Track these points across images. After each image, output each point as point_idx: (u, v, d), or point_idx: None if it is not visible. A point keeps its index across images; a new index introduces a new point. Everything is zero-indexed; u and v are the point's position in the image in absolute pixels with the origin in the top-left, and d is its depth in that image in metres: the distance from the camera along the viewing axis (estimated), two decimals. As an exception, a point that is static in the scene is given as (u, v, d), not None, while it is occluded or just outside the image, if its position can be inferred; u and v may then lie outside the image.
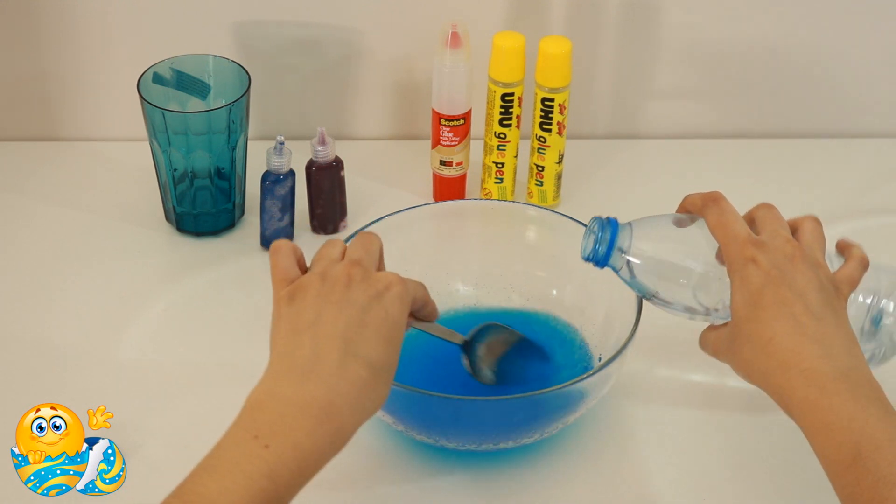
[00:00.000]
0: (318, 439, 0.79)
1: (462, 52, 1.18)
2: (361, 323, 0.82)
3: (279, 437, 0.78)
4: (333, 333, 0.82)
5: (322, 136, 1.20)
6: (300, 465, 0.78)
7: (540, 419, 0.98)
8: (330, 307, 0.83)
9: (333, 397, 0.80)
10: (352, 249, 0.87)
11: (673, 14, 1.31)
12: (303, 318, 0.83)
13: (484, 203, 1.20)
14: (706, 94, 1.37)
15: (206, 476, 0.77)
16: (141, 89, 1.18)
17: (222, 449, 0.78)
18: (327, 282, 0.84)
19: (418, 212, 1.11)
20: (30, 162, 1.33)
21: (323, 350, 0.81)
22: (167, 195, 1.23)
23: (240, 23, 1.30)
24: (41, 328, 1.14)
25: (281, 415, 0.79)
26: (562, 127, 1.23)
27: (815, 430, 0.83)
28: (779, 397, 0.87)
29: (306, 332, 0.82)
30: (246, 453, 0.77)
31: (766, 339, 0.86)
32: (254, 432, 0.78)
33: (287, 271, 0.86)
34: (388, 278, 0.85)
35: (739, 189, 1.32)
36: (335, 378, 0.80)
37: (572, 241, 1.09)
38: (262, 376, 0.82)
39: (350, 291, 0.83)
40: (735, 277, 0.89)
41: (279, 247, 0.87)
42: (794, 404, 0.85)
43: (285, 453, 0.77)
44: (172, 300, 1.18)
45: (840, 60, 1.35)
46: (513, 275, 1.13)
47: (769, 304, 0.87)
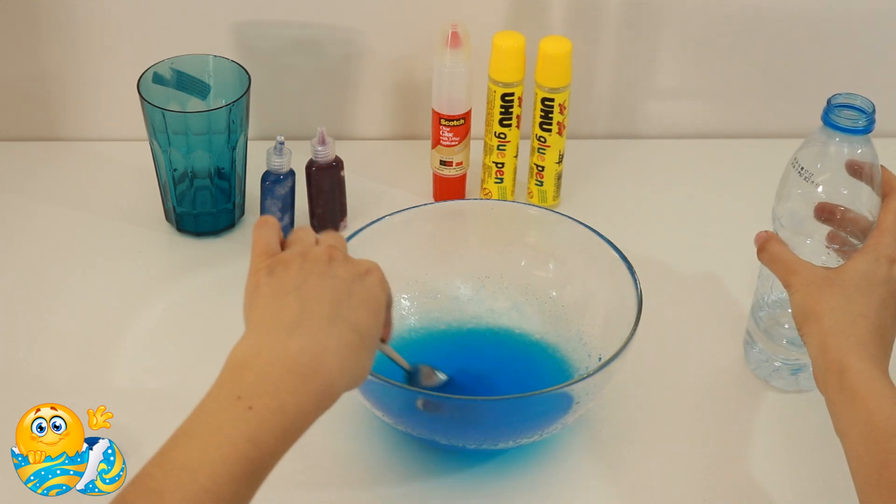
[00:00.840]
0: (303, 398, 0.76)
1: (462, 52, 1.18)
2: (348, 292, 0.81)
3: (263, 397, 0.75)
4: (321, 296, 0.80)
5: (322, 136, 1.20)
6: (285, 427, 0.75)
7: (539, 419, 0.98)
8: (314, 277, 0.81)
9: (321, 352, 0.77)
10: (326, 238, 0.87)
11: (673, 14, 1.31)
12: (286, 284, 0.81)
13: (484, 203, 1.20)
14: (706, 94, 1.37)
15: (187, 442, 0.75)
16: (141, 89, 1.18)
17: (204, 411, 0.76)
18: (308, 259, 0.83)
19: (418, 212, 1.11)
20: (30, 162, 1.33)
21: (310, 310, 0.79)
22: (167, 195, 1.23)
23: (240, 23, 1.30)
24: (41, 328, 1.14)
25: (265, 373, 0.76)
26: (562, 127, 1.23)
27: (872, 397, 0.87)
28: (837, 360, 0.90)
29: (291, 294, 0.80)
30: (228, 417, 0.75)
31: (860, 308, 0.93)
32: (237, 392, 0.76)
33: (269, 245, 0.85)
34: (368, 264, 0.85)
35: (739, 189, 1.32)
36: (323, 333, 0.78)
37: (572, 242, 1.10)
38: (243, 335, 0.80)
39: (332, 268, 0.82)
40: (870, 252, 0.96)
41: (266, 221, 0.87)
42: (853, 373, 0.89)
43: (269, 415, 0.75)
44: (172, 300, 1.18)
45: (840, 60, 1.35)
46: (513, 275, 1.13)
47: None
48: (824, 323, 0.93)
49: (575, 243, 1.09)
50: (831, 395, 0.90)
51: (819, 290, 0.95)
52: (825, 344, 0.92)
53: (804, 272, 0.97)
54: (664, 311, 1.15)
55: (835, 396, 0.90)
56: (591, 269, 1.09)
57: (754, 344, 1.10)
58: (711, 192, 1.32)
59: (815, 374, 0.94)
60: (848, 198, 0.99)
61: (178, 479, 0.73)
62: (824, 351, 0.92)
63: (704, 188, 1.32)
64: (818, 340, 0.93)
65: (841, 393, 0.89)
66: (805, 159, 1.00)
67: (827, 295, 0.94)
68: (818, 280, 0.96)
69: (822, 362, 0.92)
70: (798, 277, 0.97)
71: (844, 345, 0.91)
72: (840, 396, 0.89)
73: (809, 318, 0.94)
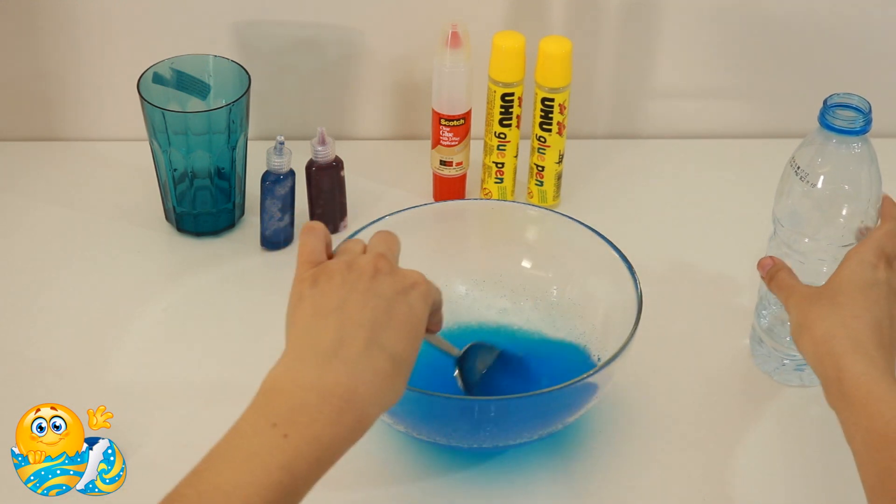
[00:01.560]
0: (338, 429, 0.76)
1: (462, 52, 1.18)
2: (387, 315, 0.80)
3: (299, 426, 0.76)
4: (360, 321, 0.79)
5: (322, 136, 1.20)
6: (319, 456, 0.76)
7: (539, 419, 0.98)
8: (356, 295, 0.81)
9: (356, 385, 0.77)
10: (375, 243, 0.86)
11: (673, 14, 1.31)
12: (327, 302, 0.80)
13: (484, 203, 1.20)
14: (706, 94, 1.37)
15: (222, 465, 0.75)
16: (141, 89, 1.18)
17: (239, 435, 0.76)
18: (353, 271, 0.82)
19: (418, 212, 1.11)
20: (30, 162, 1.33)
21: (348, 336, 0.79)
22: (167, 195, 1.23)
23: (240, 23, 1.30)
24: (41, 328, 1.14)
25: (301, 402, 0.76)
26: (562, 127, 1.23)
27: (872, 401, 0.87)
28: (834, 367, 0.89)
29: (331, 316, 0.80)
30: (264, 443, 0.75)
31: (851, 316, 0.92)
32: (272, 419, 0.76)
33: (315, 253, 0.84)
34: (414, 276, 0.84)
35: (739, 189, 1.32)
36: (359, 365, 0.78)
37: (572, 242, 1.10)
38: (282, 357, 0.80)
39: (376, 283, 0.82)
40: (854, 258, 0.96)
41: (313, 227, 0.86)
42: (849, 378, 0.88)
43: (304, 444, 0.75)
44: (172, 300, 1.18)
45: (840, 60, 1.35)
46: (513, 275, 1.13)
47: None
48: (816, 333, 0.92)
49: (575, 243, 1.09)
50: (834, 403, 0.90)
51: (810, 303, 0.95)
52: (819, 353, 0.91)
53: (799, 290, 0.97)
54: (665, 311, 1.15)
55: (837, 403, 0.89)
56: (591, 269, 1.09)
57: (760, 341, 1.10)
58: (711, 191, 1.32)
59: (822, 388, 0.92)
60: (848, 194, 0.99)
61: (212, 501, 0.73)
62: (820, 360, 0.91)
63: (704, 188, 1.32)
64: (812, 350, 0.92)
65: (841, 399, 0.88)
66: (803, 159, 1.00)
67: (816, 306, 0.94)
68: (809, 294, 0.96)
69: (821, 371, 0.91)
70: (794, 297, 0.97)
71: (839, 348, 0.90)
72: (841, 403, 0.88)
73: (803, 332, 0.94)
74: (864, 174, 0.99)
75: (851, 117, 0.97)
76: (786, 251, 1.05)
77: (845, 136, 0.98)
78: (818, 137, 0.99)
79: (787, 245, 1.04)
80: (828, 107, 0.98)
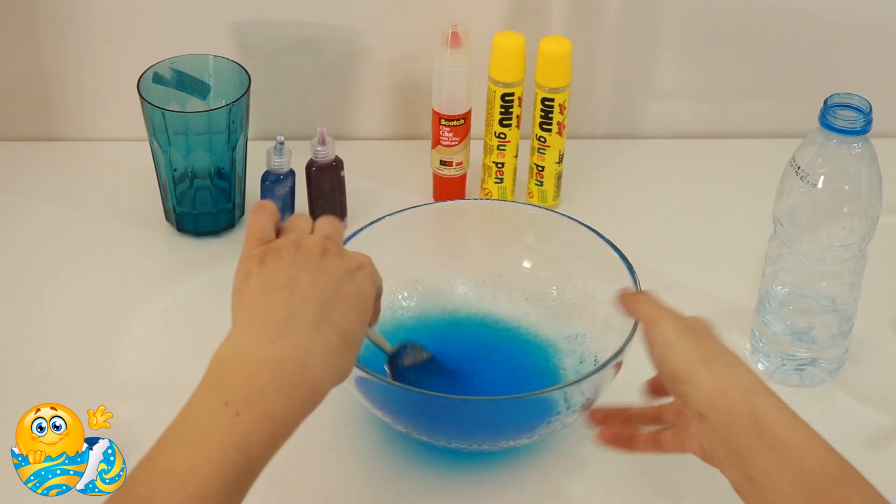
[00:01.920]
0: (291, 404, 0.76)
1: (462, 52, 1.18)
2: (336, 293, 0.80)
3: (251, 403, 0.75)
4: (309, 297, 0.79)
5: (322, 136, 1.20)
6: (273, 432, 0.75)
7: (538, 420, 0.98)
8: (305, 274, 0.80)
9: (307, 358, 0.77)
10: (321, 225, 0.86)
11: (673, 14, 1.31)
12: (276, 279, 0.80)
13: (484, 203, 1.20)
14: (706, 94, 1.37)
15: (175, 447, 0.74)
16: (141, 89, 1.18)
17: (191, 415, 0.75)
18: (301, 250, 0.82)
19: (418, 212, 1.11)
20: (30, 162, 1.33)
21: (298, 311, 0.78)
22: (167, 195, 1.23)
23: (240, 23, 1.30)
24: (41, 328, 1.14)
25: (252, 377, 0.76)
26: (562, 127, 1.23)
27: (799, 441, 0.81)
28: (745, 402, 0.82)
29: (280, 292, 0.79)
30: (217, 422, 0.74)
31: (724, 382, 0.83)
32: (224, 397, 0.75)
33: (264, 230, 0.84)
34: (361, 258, 0.84)
35: (739, 189, 1.32)
36: (310, 339, 0.78)
37: (572, 241, 1.10)
38: (229, 334, 0.79)
39: (324, 262, 0.82)
40: None
41: (264, 206, 0.86)
42: (766, 415, 0.81)
43: (257, 422, 0.74)
44: (172, 300, 1.18)
45: (840, 60, 1.35)
46: (513, 275, 1.13)
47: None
48: (714, 367, 0.84)
49: (575, 243, 1.09)
50: (743, 441, 0.81)
51: (694, 332, 0.87)
52: (720, 386, 0.83)
53: (673, 312, 0.89)
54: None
55: (750, 442, 0.81)
56: (591, 269, 1.09)
57: (760, 341, 1.10)
58: (711, 191, 1.32)
59: (687, 431, 0.87)
60: (849, 194, 0.99)
61: (168, 485, 0.73)
62: (722, 393, 0.82)
63: (704, 188, 1.32)
64: (710, 383, 0.83)
65: (758, 438, 0.80)
66: (803, 159, 1.00)
67: (706, 337, 0.87)
68: (686, 322, 0.88)
69: (724, 405, 0.82)
70: (669, 317, 0.88)
71: (747, 383, 0.83)
72: (758, 442, 0.80)
73: (682, 377, 0.84)
74: (864, 174, 0.99)
75: (852, 117, 0.97)
76: (786, 251, 1.05)
77: (846, 136, 0.98)
78: (818, 137, 0.99)
79: (787, 245, 1.04)
80: (828, 107, 0.98)
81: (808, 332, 1.08)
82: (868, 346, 1.13)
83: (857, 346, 1.12)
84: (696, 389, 0.83)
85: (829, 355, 1.09)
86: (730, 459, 0.82)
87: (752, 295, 1.14)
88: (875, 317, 1.16)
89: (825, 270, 1.04)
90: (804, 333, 1.08)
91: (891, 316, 1.16)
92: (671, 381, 0.85)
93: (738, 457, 0.81)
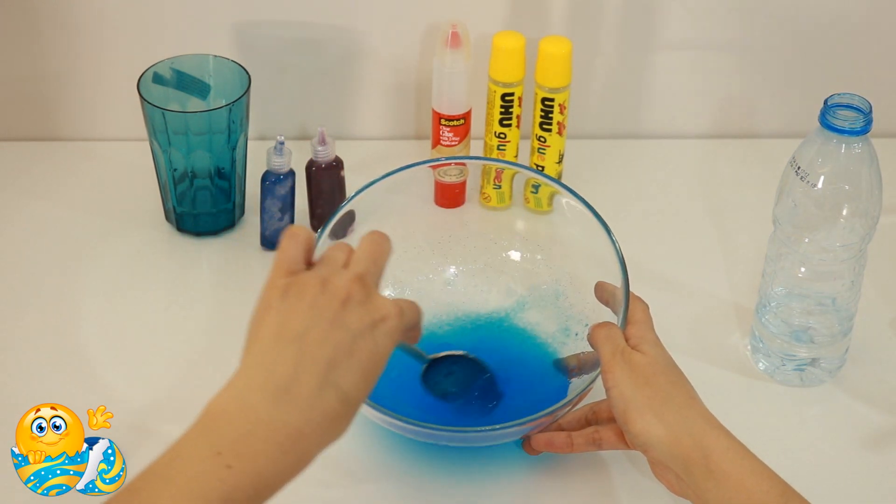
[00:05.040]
0: (280, 467, 0.75)
1: (462, 52, 1.18)
2: (349, 351, 0.78)
3: (243, 459, 0.74)
4: (319, 355, 0.77)
5: (322, 136, 1.20)
6: (258, 491, 0.75)
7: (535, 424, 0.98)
8: (321, 324, 0.78)
9: (304, 426, 0.76)
10: (359, 257, 0.82)
11: (672, 14, 1.31)
12: (292, 323, 0.78)
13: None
14: (706, 94, 1.37)
15: (160, 486, 0.73)
16: (141, 89, 1.18)
17: (182, 458, 0.75)
18: (326, 292, 0.79)
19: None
20: (29, 162, 1.33)
21: (304, 371, 0.76)
22: (167, 195, 1.23)
23: (240, 23, 1.30)
24: (41, 328, 1.14)
25: (248, 434, 0.75)
26: (562, 127, 1.23)
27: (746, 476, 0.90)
28: (698, 446, 0.91)
29: (292, 345, 0.77)
30: (206, 471, 0.74)
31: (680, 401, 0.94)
32: (217, 447, 0.74)
33: (293, 261, 0.81)
34: (387, 309, 0.80)
35: (739, 189, 1.32)
36: (309, 405, 0.76)
37: (572, 241, 1.10)
38: (232, 379, 0.78)
39: (346, 312, 0.78)
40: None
41: (296, 233, 0.82)
42: (717, 454, 0.91)
43: (245, 478, 0.74)
44: (172, 300, 1.18)
45: (841, 59, 1.35)
46: (512, 274, 1.13)
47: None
48: (667, 415, 0.93)
49: (575, 242, 1.09)
50: (700, 482, 0.91)
51: (645, 382, 0.94)
52: (675, 434, 0.92)
53: (617, 383, 0.95)
54: (664, 311, 1.14)
55: (705, 482, 0.90)
56: (590, 268, 1.09)
57: (760, 341, 1.10)
58: (711, 192, 1.32)
59: (657, 468, 0.94)
60: (849, 194, 0.99)
61: None
62: (677, 441, 0.91)
63: (704, 188, 1.32)
64: (664, 432, 0.92)
65: (712, 478, 0.90)
66: (803, 159, 1.00)
67: (652, 387, 0.94)
68: (630, 378, 0.95)
69: (679, 452, 0.91)
70: (624, 369, 0.95)
71: (697, 428, 0.92)
72: (711, 481, 0.90)
73: (640, 436, 0.93)
74: (864, 174, 0.99)
75: (852, 117, 0.97)
76: (786, 251, 1.05)
77: (846, 136, 0.98)
78: (819, 137, 0.99)
79: (786, 245, 1.04)
80: (828, 107, 0.98)
81: (808, 331, 1.08)
82: (868, 346, 1.13)
83: (857, 346, 1.12)
84: (654, 444, 0.92)
85: (828, 355, 1.09)
86: (690, 495, 0.92)
87: (752, 295, 1.14)
88: (875, 317, 1.16)
89: (825, 270, 1.04)
90: (804, 333, 1.08)
91: (891, 316, 1.16)
92: (630, 436, 0.94)
93: (697, 493, 0.91)
